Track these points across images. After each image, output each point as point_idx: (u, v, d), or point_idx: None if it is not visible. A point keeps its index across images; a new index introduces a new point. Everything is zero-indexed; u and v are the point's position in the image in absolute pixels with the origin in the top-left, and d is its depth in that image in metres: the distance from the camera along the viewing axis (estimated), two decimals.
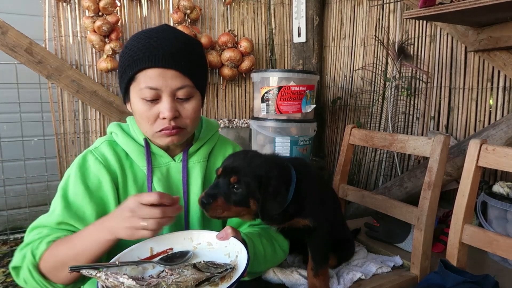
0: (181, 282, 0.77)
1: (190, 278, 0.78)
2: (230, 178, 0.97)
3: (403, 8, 2.16)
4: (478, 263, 1.49)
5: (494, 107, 1.83)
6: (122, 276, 0.76)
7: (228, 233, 0.91)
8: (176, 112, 0.98)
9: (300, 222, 1.10)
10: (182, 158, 1.10)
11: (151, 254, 0.92)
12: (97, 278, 0.77)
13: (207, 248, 0.93)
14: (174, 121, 0.98)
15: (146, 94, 0.96)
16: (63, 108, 2.13)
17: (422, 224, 1.32)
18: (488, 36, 1.73)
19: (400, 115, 2.21)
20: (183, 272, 0.79)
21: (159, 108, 0.97)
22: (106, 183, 1.01)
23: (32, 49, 2.00)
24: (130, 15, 2.25)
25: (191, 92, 1.00)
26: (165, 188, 1.06)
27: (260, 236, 1.07)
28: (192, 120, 1.02)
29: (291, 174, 1.08)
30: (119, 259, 0.86)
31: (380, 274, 1.30)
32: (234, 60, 2.37)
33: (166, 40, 0.97)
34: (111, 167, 1.03)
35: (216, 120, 2.48)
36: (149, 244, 0.93)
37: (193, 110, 1.01)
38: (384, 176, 2.29)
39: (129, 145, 1.06)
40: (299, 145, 2.13)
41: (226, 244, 0.91)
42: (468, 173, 1.24)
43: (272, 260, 1.10)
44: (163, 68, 0.95)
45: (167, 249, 0.93)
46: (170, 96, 0.96)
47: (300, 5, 2.58)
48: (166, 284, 0.76)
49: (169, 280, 0.77)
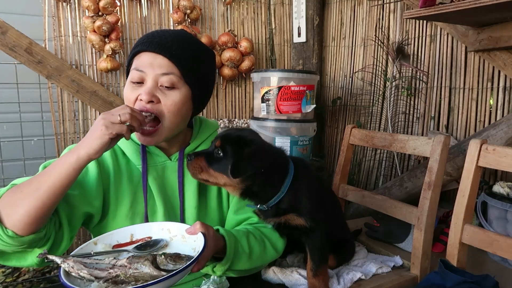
0: (139, 277, 0.79)
1: (147, 275, 0.79)
2: (215, 142, 1.00)
3: (403, 8, 2.16)
4: (478, 263, 1.49)
5: (494, 107, 1.83)
6: (83, 271, 0.78)
7: (196, 228, 0.91)
8: (153, 97, 0.97)
9: (296, 220, 1.09)
10: (178, 157, 1.09)
11: (130, 240, 0.94)
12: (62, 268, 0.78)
13: (180, 241, 0.95)
14: (151, 106, 0.97)
15: (134, 76, 0.99)
16: (63, 108, 2.13)
17: (422, 224, 1.32)
18: (488, 36, 1.73)
19: (400, 115, 2.21)
20: (141, 268, 0.80)
21: (140, 91, 0.99)
22: (92, 176, 1.01)
23: (32, 49, 1.99)
24: (130, 15, 2.25)
25: (175, 82, 0.99)
26: (160, 187, 1.06)
27: (247, 234, 1.06)
28: (170, 113, 0.99)
29: (288, 165, 1.08)
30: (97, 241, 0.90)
31: (380, 274, 1.30)
32: (234, 60, 2.37)
33: (168, 32, 1.01)
34: (104, 163, 1.04)
35: (216, 120, 2.48)
36: (130, 231, 0.96)
37: (173, 102, 0.99)
38: (384, 176, 2.29)
39: (125, 144, 1.06)
40: (299, 145, 2.13)
41: (195, 239, 0.92)
42: (468, 173, 1.24)
43: (260, 259, 1.08)
44: (153, 52, 0.98)
45: (146, 237, 0.95)
46: (152, 81, 0.98)
47: (300, 5, 2.58)
48: (125, 276, 0.78)
49: (127, 273, 0.79)
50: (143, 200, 1.05)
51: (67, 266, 0.78)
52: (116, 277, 0.78)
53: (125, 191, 1.05)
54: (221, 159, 0.99)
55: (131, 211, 1.05)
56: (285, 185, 1.06)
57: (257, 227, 1.14)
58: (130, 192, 1.05)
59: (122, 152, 1.07)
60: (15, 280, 2.20)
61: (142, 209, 1.05)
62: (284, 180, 1.06)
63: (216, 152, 0.99)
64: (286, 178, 1.06)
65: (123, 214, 1.04)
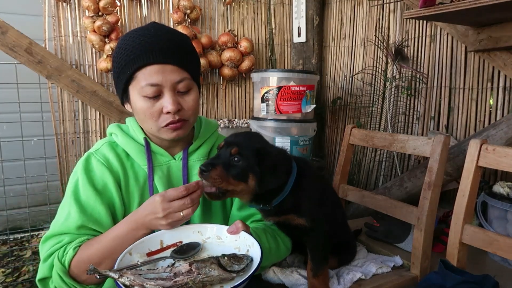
0: (207, 282, 0.77)
1: (217, 278, 0.78)
2: (231, 149, 0.97)
3: (403, 8, 2.16)
4: (478, 263, 1.49)
5: (494, 107, 1.83)
6: (148, 283, 0.76)
7: (238, 227, 0.92)
8: (178, 105, 1.00)
9: (296, 220, 1.10)
10: (182, 156, 1.11)
11: (161, 247, 0.93)
12: (120, 283, 0.76)
13: (216, 242, 0.94)
14: (178, 114, 1.00)
15: (147, 91, 0.97)
16: (63, 108, 2.13)
17: (422, 224, 1.32)
18: (488, 36, 1.73)
19: (400, 115, 2.21)
20: (210, 272, 0.79)
21: (162, 103, 0.99)
22: (110, 183, 1.03)
23: (32, 49, 1.99)
24: (130, 15, 2.25)
25: (189, 84, 1.02)
26: (166, 186, 1.07)
27: (265, 232, 1.08)
28: (194, 112, 1.05)
29: (292, 165, 1.09)
30: (131, 251, 0.88)
31: (380, 274, 1.30)
32: (234, 60, 2.37)
33: (159, 37, 0.99)
34: (113, 168, 1.05)
35: (216, 120, 2.48)
36: (159, 236, 0.95)
37: (193, 102, 1.04)
38: (384, 176, 2.29)
39: (129, 145, 1.07)
40: (299, 145, 2.13)
41: (236, 238, 0.91)
42: (468, 173, 1.24)
43: (276, 255, 1.11)
44: (162, 63, 0.97)
45: (177, 242, 0.94)
46: (171, 91, 0.99)
47: (300, 5, 2.58)
48: (193, 283, 0.76)
49: (196, 279, 0.77)
50: None
51: (128, 280, 0.76)
52: (185, 285, 0.76)
53: (133, 192, 1.06)
54: (240, 167, 0.97)
55: None
56: (288, 185, 1.06)
57: (266, 224, 1.16)
58: (138, 193, 1.06)
59: (126, 154, 1.08)
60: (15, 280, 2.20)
61: None
62: (287, 180, 1.06)
63: (233, 160, 0.97)
64: (289, 178, 1.07)
65: None
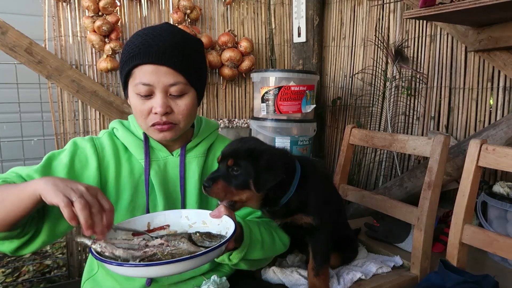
0: (176, 254, 0.78)
1: (186, 251, 0.79)
2: (227, 161, 0.99)
3: (403, 8, 2.16)
4: (478, 263, 1.49)
5: (494, 107, 1.83)
6: (117, 249, 0.77)
7: (221, 211, 0.93)
8: (167, 108, 1.00)
9: (303, 219, 1.10)
10: (180, 153, 1.11)
11: (148, 228, 0.94)
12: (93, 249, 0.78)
13: (201, 227, 0.95)
14: (165, 116, 1.00)
15: (140, 90, 0.99)
16: (63, 108, 2.13)
17: (422, 224, 1.32)
18: (488, 36, 1.73)
19: (400, 115, 2.21)
20: (179, 244, 0.81)
21: (152, 103, 1.00)
22: (92, 170, 1.03)
23: (32, 49, 1.99)
24: (130, 15, 2.25)
25: (184, 89, 1.01)
26: (162, 181, 1.08)
27: (258, 224, 1.08)
28: (185, 117, 1.04)
29: (295, 165, 1.09)
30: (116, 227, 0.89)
31: (380, 274, 1.30)
32: (234, 60, 2.37)
33: (161, 37, 0.99)
34: (105, 158, 1.06)
35: (216, 120, 2.48)
36: (147, 219, 0.96)
37: (185, 107, 1.03)
38: (384, 176, 2.29)
39: (128, 139, 1.09)
40: (299, 145, 2.13)
41: (219, 222, 0.92)
42: (468, 173, 1.24)
43: (271, 249, 1.09)
44: (156, 64, 0.97)
45: (164, 225, 0.95)
46: (162, 92, 0.99)
47: (300, 5, 2.58)
48: (162, 254, 0.78)
49: (165, 251, 0.79)
50: (144, 194, 1.07)
51: (99, 247, 0.78)
52: (153, 255, 0.78)
53: (126, 184, 1.06)
54: (239, 176, 0.98)
55: (132, 204, 1.07)
56: (293, 185, 1.07)
57: (265, 221, 1.16)
58: (131, 186, 1.07)
59: (125, 147, 1.09)
60: (15, 280, 2.20)
61: (143, 203, 1.07)
62: (292, 180, 1.07)
63: (232, 170, 0.98)
64: (294, 178, 1.07)
65: (123, 207, 1.06)
